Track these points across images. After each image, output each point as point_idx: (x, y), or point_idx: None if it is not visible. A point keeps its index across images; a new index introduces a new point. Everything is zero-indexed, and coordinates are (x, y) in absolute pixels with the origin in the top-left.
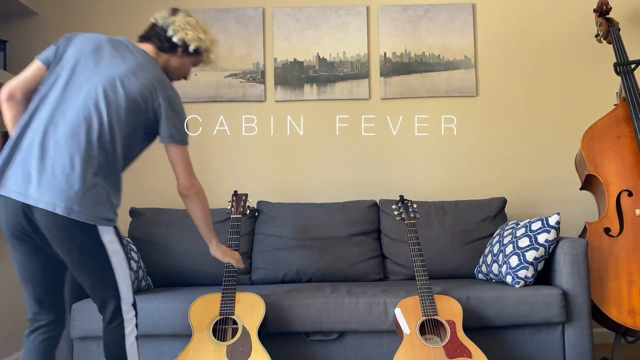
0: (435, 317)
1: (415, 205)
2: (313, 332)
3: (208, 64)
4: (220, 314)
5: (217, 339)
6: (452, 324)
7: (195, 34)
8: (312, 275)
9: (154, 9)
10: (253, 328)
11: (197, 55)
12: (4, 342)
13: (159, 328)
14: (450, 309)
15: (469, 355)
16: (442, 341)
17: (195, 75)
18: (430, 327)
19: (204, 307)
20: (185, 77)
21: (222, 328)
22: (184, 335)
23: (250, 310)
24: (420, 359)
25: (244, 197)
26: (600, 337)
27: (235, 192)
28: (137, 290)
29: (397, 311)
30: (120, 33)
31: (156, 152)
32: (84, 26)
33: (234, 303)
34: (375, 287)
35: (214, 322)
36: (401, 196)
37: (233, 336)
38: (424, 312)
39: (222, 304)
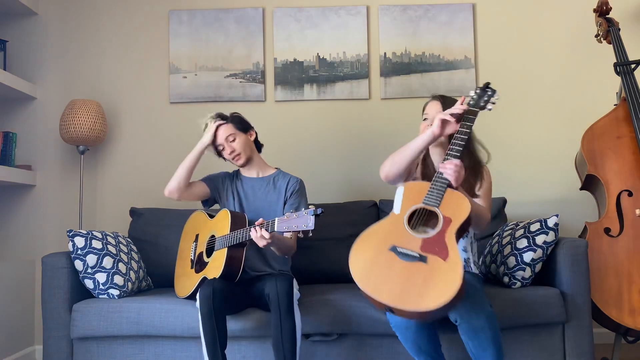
0: (434, 208)
1: (495, 99)
2: (313, 333)
3: (210, 141)
4: (424, 203)
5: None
6: (447, 221)
7: None
8: (312, 276)
9: (155, 10)
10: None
11: (217, 150)
12: (4, 342)
13: (159, 328)
14: (456, 206)
15: (444, 257)
16: (427, 234)
17: (196, 75)
18: (423, 217)
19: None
20: (230, 158)
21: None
22: (184, 336)
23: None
24: (395, 238)
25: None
26: (600, 337)
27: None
28: (138, 291)
29: (399, 190)
30: (119, 33)
31: (156, 152)
32: (84, 26)
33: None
34: None
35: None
36: (487, 83)
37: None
38: (425, 200)
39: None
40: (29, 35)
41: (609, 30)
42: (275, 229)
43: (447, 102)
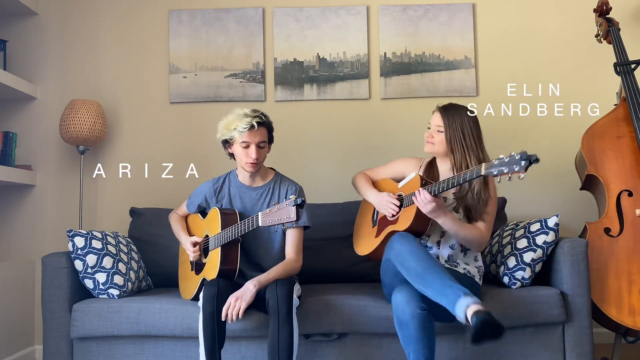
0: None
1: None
2: (313, 333)
3: (244, 132)
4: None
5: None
6: (394, 221)
7: (220, 130)
8: (312, 276)
9: (154, 10)
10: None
11: (231, 139)
12: (4, 342)
13: (159, 328)
14: (402, 217)
15: (395, 221)
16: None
17: (196, 75)
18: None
19: None
20: (248, 162)
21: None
22: (184, 337)
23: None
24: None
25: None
26: (600, 337)
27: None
28: (138, 291)
29: (413, 174)
30: (119, 33)
31: (156, 152)
32: (84, 26)
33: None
34: (375, 288)
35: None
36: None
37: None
38: (405, 197)
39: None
40: (29, 35)
41: (609, 30)
42: (260, 224)
43: (448, 113)
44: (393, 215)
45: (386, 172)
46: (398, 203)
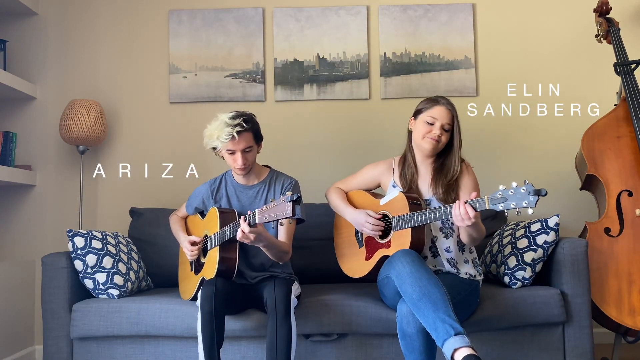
0: (391, 232)
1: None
2: (313, 333)
3: (225, 142)
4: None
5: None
6: (386, 245)
7: (204, 138)
8: (312, 276)
9: (154, 10)
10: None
11: (216, 148)
12: (4, 342)
13: (159, 328)
14: (397, 241)
15: (387, 245)
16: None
17: (196, 75)
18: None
19: None
20: (236, 167)
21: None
22: (184, 337)
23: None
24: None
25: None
26: (600, 337)
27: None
28: (137, 291)
29: (395, 192)
30: (119, 33)
31: (156, 152)
32: (84, 26)
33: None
34: (375, 288)
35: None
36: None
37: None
38: (395, 220)
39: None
40: (29, 35)
41: (609, 30)
42: (257, 221)
43: (455, 111)
44: (380, 236)
45: (357, 182)
46: (382, 223)
